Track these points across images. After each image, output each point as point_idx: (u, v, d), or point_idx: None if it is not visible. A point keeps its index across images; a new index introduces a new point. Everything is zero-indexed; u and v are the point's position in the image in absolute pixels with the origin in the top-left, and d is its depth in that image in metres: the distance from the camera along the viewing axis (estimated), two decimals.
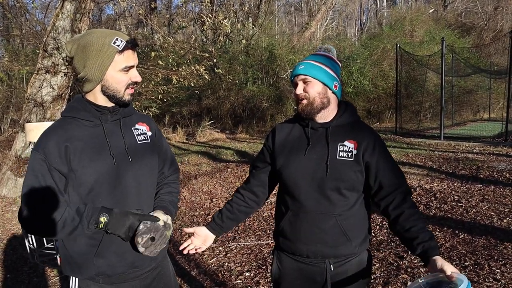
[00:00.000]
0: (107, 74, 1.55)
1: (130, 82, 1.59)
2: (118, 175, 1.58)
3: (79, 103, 1.62)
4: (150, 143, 1.73)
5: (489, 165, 7.58)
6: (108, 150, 1.57)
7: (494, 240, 4.28)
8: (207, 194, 6.79)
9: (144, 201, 1.67)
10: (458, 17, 26.69)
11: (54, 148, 1.51)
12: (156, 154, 1.76)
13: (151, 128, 1.77)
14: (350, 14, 32.07)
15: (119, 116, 1.64)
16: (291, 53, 15.73)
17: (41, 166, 1.50)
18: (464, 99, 19.57)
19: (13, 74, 12.28)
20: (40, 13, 16.63)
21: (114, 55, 1.53)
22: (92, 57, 1.52)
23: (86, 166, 1.53)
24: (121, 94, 1.59)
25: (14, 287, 3.96)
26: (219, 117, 16.02)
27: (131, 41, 1.56)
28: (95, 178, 1.54)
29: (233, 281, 3.80)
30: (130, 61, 1.57)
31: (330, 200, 1.71)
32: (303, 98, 1.74)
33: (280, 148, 1.84)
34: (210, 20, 9.58)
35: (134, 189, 1.62)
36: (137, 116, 1.76)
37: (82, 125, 1.57)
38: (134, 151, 1.64)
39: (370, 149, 1.72)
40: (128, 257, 1.61)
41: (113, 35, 1.54)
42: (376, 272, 3.78)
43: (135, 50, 1.60)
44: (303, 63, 1.76)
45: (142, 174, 1.66)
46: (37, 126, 2.51)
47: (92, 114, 1.59)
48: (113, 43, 1.52)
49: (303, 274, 1.82)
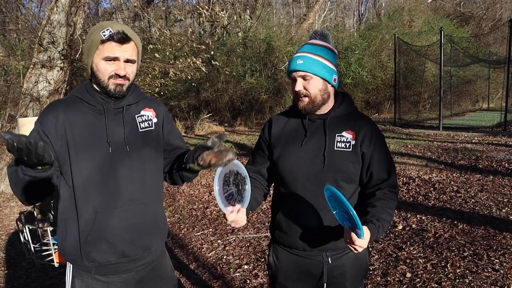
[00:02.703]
0: (93, 61, 1.59)
1: (113, 73, 1.58)
2: (112, 164, 1.58)
3: (88, 86, 1.66)
4: (154, 130, 1.72)
5: (488, 155, 7.56)
6: (106, 138, 1.58)
7: (493, 230, 4.28)
8: (206, 187, 6.78)
9: (141, 191, 1.65)
10: (456, 7, 26.54)
11: (52, 120, 1.55)
12: (160, 141, 1.74)
13: (158, 114, 1.76)
14: (348, 4, 31.86)
15: (123, 104, 1.66)
16: (289, 44, 15.64)
17: (36, 132, 1.55)
18: (463, 89, 19.54)
19: (9, 69, 12.20)
20: (36, 7, 16.51)
21: (98, 44, 1.56)
22: (86, 44, 1.61)
23: (81, 152, 1.55)
24: (105, 83, 1.59)
25: (12, 282, 3.95)
26: (218, 110, 15.96)
27: (118, 33, 1.55)
28: (89, 165, 1.55)
29: (231, 274, 3.80)
30: (113, 52, 1.57)
31: None
32: (303, 96, 1.68)
33: (277, 140, 1.81)
34: (207, 12, 9.51)
35: (128, 179, 1.61)
36: (145, 101, 1.75)
37: (85, 108, 1.61)
38: (134, 140, 1.64)
39: (368, 140, 1.70)
40: (119, 245, 1.61)
41: (107, 25, 1.56)
42: (375, 263, 3.77)
43: (124, 43, 1.58)
44: (301, 56, 1.67)
45: (141, 164, 1.65)
46: (30, 121, 2.49)
47: (96, 100, 1.62)
48: (101, 32, 1.55)
49: (299, 267, 1.80)
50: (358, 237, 1.43)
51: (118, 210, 1.60)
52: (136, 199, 1.63)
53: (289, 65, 1.72)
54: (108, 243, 1.59)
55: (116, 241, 1.60)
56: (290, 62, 1.72)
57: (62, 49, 7.45)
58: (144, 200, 1.66)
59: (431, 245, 4.05)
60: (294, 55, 1.71)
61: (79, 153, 1.55)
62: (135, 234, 1.64)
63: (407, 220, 4.77)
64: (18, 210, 6.26)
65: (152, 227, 1.70)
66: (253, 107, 15.99)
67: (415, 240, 4.19)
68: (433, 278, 3.40)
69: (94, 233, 1.57)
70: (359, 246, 1.45)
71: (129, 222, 1.62)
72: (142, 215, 1.66)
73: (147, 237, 1.68)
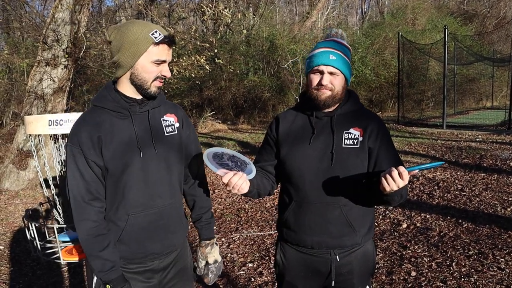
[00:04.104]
0: (138, 62, 1.57)
1: (159, 75, 1.61)
2: (143, 167, 1.63)
3: (109, 91, 1.64)
4: (177, 134, 1.76)
5: (492, 153, 7.54)
6: (136, 143, 1.61)
7: (498, 229, 4.26)
8: (209, 186, 6.77)
9: (169, 193, 1.72)
10: (460, 5, 26.43)
11: (87, 139, 1.55)
12: (182, 145, 1.79)
13: (179, 119, 1.79)
14: (351, 2, 31.75)
15: (148, 107, 1.67)
16: (292, 42, 15.60)
17: (80, 158, 1.56)
18: (467, 88, 19.47)
19: (14, 67, 12.23)
20: (40, 5, 16.53)
21: (149, 45, 1.55)
22: (127, 42, 1.55)
23: (115, 158, 1.57)
24: (148, 85, 1.60)
25: (18, 279, 3.97)
26: (221, 108, 15.95)
27: (169, 37, 1.58)
28: (123, 169, 1.59)
29: (236, 272, 3.80)
30: (163, 55, 1.58)
31: (336, 190, 1.69)
32: (327, 89, 1.67)
33: (284, 138, 1.80)
34: (210, 10, 9.51)
35: (157, 180, 1.67)
36: (166, 106, 1.77)
37: (111, 116, 1.60)
38: (161, 144, 1.68)
39: (374, 136, 1.70)
40: (148, 246, 1.68)
41: (154, 27, 1.57)
42: (380, 262, 3.77)
43: (171, 47, 1.62)
44: (333, 52, 1.67)
45: (167, 165, 1.70)
46: (36, 119, 2.49)
47: (121, 105, 1.61)
48: (151, 34, 1.54)
49: (307, 265, 1.80)
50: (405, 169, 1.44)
51: (149, 212, 1.66)
52: (166, 200, 1.71)
53: (317, 57, 1.68)
54: (138, 243, 1.67)
55: (145, 241, 1.68)
56: (319, 55, 1.68)
57: (67, 47, 7.46)
58: (171, 201, 1.74)
59: (435, 243, 4.05)
60: (322, 49, 1.69)
61: (114, 160, 1.58)
62: (162, 234, 1.72)
63: (412, 219, 4.76)
64: (22, 207, 6.29)
65: (177, 226, 1.79)
66: (256, 105, 15.98)
67: (419, 239, 4.19)
68: (438, 276, 3.40)
69: (126, 234, 1.64)
70: (399, 179, 1.43)
71: (159, 223, 1.69)
72: (170, 215, 1.74)
73: (173, 236, 1.77)
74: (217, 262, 1.91)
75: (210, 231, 1.93)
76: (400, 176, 1.43)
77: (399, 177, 1.43)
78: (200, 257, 1.90)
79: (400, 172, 1.43)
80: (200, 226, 1.91)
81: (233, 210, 5.59)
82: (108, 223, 1.64)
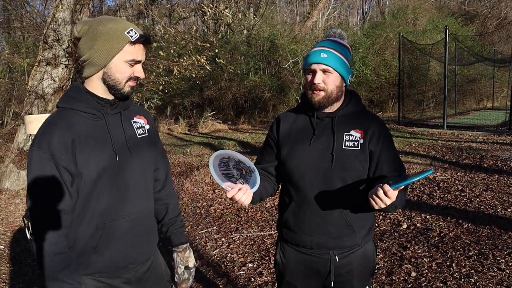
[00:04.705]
0: (112, 61, 1.48)
1: (132, 76, 1.53)
2: (119, 171, 1.54)
3: (78, 93, 1.52)
4: (148, 136, 1.68)
5: (492, 154, 7.54)
6: (111, 145, 1.52)
7: (498, 230, 4.26)
8: (210, 185, 6.78)
9: (142, 196, 1.64)
10: (461, 5, 26.44)
11: (59, 143, 1.42)
12: (154, 148, 1.72)
13: (148, 121, 1.72)
14: (352, 3, 31.74)
15: (120, 109, 1.58)
16: (292, 43, 15.60)
17: (49, 165, 1.41)
18: (467, 88, 19.48)
19: (14, 66, 12.25)
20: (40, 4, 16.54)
21: (125, 44, 1.47)
22: (102, 40, 1.45)
23: (90, 162, 1.47)
24: (122, 85, 1.52)
25: (18, 279, 3.97)
26: (221, 108, 15.96)
27: (145, 36, 1.51)
28: (99, 174, 1.48)
29: (236, 272, 3.80)
30: (138, 55, 1.51)
31: (335, 191, 1.69)
32: (320, 89, 1.66)
33: (285, 138, 1.80)
34: (211, 10, 9.51)
35: (133, 184, 1.59)
36: (135, 108, 1.70)
37: (83, 118, 1.49)
38: (135, 145, 1.60)
39: (376, 138, 1.70)
40: (128, 254, 1.60)
41: (129, 25, 1.50)
42: (380, 262, 3.76)
43: (146, 47, 1.55)
44: (325, 50, 1.66)
45: (142, 169, 1.63)
46: (36, 118, 2.49)
47: (93, 107, 1.51)
48: (127, 32, 1.47)
49: (306, 266, 1.80)
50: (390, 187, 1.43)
51: (127, 219, 1.58)
52: (143, 206, 1.63)
53: (309, 57, 1.69)
54: (117, 252, 1.57)
55: (125, 250, 1.59)
56: (311, 54, 1.68)
57: (67, 46, 7.46)
58: (147, 206, 1.68)
59: (436, 244, 4.04)
60: (316, 48, 1.69)
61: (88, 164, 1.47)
62: (141, 241, 1.64)
63: (412, 219, 4.76)
64: (23, 207, 6.29)
65: (153, 231, 1.74)
66: (257, 105, 15.98)
67: (419, 239, 4.18)
68: (438, 277, 3.40)
69: (103, 244, 1.53)
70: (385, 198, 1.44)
71: (137, 230, 1.62)
72: (147, 221, 1.67)
73: (150, 242, 1.71)
74: (195, 266, 1.88)
75: (184, 235, 1.86)
76: (386, 195, 1.44)
77: (385, 196, 1.44)
78: (180, 263, 1.83)
79: (385, 191, 1.43)
80: (175, 231, 1.83)
81: (233, 210, 5.59)
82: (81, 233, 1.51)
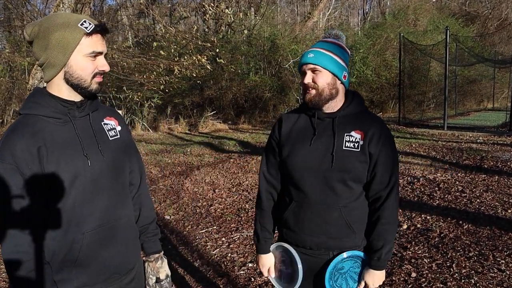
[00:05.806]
0: (71, 58, 1.38)
1: (97, 70, 1.43)
2: (93, 177, 1.44)
3: (41, 97, 1.42)
4: (120, 138, 1.59)
5: (493, 155, 7.54)
6: (81, 150, 1.42)
7: (498, 231, 4.26)
8: (210, 185, 6.78)
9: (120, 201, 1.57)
10: (462, 6, 26.43)
11: (25, 153, 1.32)
12: (127, 150, 1.64)
13: (120, 122, 1.63)
14: (353, 3, 31.74)
15: (88, 111, 1.49)
16: (293, 43, 15.61)
17: (14, 177, 1.31)
18: (468, 89, 19.47)
19: (15, 65, 12.25)
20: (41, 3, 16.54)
21: (81, 37, 1.36)
22: (55, 38, 1.35)
23: (60, 170, 1.37)
24: (88, 83, 1.42)
25: None
26: (222, 107, 15.96)
27: (101, 25, 1.41)
28: (71, 181, 1.38)
29: (236, 272, 3.80)
30: (98, 46, 1.41)
31: (335, 191, 1.68)
32: (311, 88, 1.69)
33: (286, 138, 1.80)
34: (212, 10, 9.51)
35: (109, 189, 1.51)
36: (104, 110, 1.60)
37: (49, 124, 1.39)
38: (107, 149, 1.51)
39: (376, 140, 1.69)
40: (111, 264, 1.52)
41: (81, 17, 1.40)
42: None
43: (104, 36, 1.45)
44: (312, 51, 1.70)
45: (116, 172, 1.54)
46: None
47: (59, 111, 1.41)
48: (80, 24, 1.37)
49: (306, 265, 1.80)
50: None
51: (107, 226, 1.49)
52: (121, 212, 1.55)
53: (300, 60, 1.73)
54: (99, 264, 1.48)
55: (107, 260, 1.50)
56: (301, 57, 1.73)
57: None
58: (126, 212, 1.59)
59: (436, 245, 4.04)
60: (306, 51, 1.73)
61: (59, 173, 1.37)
62: (123, 249, 1.57)
63: (412, 220, 4.76)
64: None
65: (135, 238, 1.67)
66: (257, 105, 15.98)
67: (420, 240, 4.18)
68: (438, 278, 3.39)
69: (84, 255, 1.44)
70: None
71: (118, 237, 1.54)
72: (126, 227, 1.59)
73: (132, 250, 1.64)
74: (168, 276, 1.75)
75: (157, 243, 1.75)
76: None
77: None
78: (151, 273, 1.73)
79: None
80: (146, 239, 1.72)
81: (234, 210, 5.58)
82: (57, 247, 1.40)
